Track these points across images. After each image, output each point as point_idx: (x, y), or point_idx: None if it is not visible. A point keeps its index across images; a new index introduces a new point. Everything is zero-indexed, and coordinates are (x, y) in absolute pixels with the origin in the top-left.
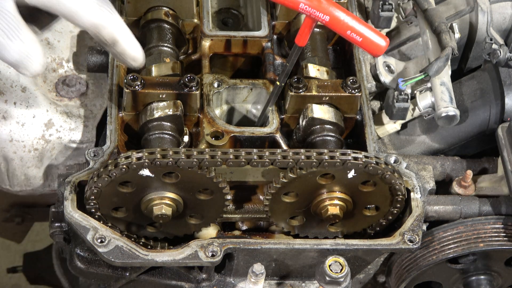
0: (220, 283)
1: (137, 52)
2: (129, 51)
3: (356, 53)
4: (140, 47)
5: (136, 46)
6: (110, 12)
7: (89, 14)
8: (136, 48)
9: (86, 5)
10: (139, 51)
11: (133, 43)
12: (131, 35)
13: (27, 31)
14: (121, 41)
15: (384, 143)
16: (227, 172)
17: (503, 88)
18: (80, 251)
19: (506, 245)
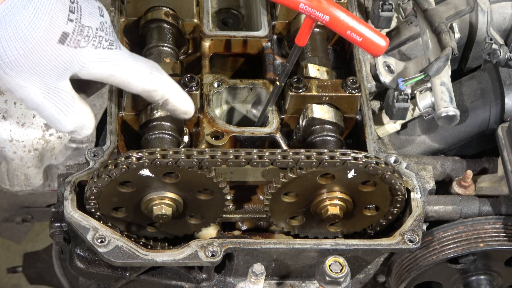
0: (220, 283)
1: (187, 106)
2: (180, 107)
3: (356, 53)
4: (190, 101)
5: (186, 101)
6: (159, 76)
7: (141, 82)
8: (186, 103)
9: (138, 75)
10: (189, 105)
11: (183, 100)
12: (181, 93)
13: (80, 105)
14: (171, 100)
15: (384, 143)
16: (227, 172)
17: (503, 88)
18: (80, 251)
19: (506, 245)
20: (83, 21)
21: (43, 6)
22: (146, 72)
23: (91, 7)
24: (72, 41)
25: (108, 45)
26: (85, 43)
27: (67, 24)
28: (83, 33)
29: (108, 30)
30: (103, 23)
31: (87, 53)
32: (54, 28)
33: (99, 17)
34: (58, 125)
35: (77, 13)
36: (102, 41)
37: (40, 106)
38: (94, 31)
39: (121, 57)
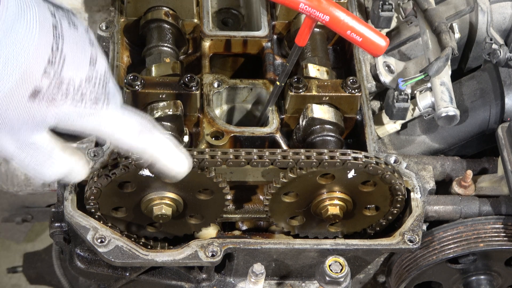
0: (220, 283)
1: (178, 168)
2: (169, 170)
3: (356, 53)
4: (182, 162)
5: (177, 163)
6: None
7: (127, 142)
8: (177, 165)
9: (124, 135)
10: (181, 167)
11: (174, 162)
12: (172, 154)
13: (62, 156)
14: (159, 163)
15: (384, 143)
16: (227, 172)
17: (503, 88)
18: (80, 251)
19: (506, 245)
20: (63, 74)
21: (17, 57)
22: (134, 132)
23: (79, 56)
24: (45, 97)
25: (92, 103)
26: (62, 99)
27: (42, 78)
28: (61, 88)
29: (97, 82)
30: (92, 74)
31: (64, 110)
32: (24, 83)
33: (87, 68)
34: (37, 176)
35: (58, 65)
36: (85, 97)
37: (14, 158)
38: (77, 86)
39: (106, 116)
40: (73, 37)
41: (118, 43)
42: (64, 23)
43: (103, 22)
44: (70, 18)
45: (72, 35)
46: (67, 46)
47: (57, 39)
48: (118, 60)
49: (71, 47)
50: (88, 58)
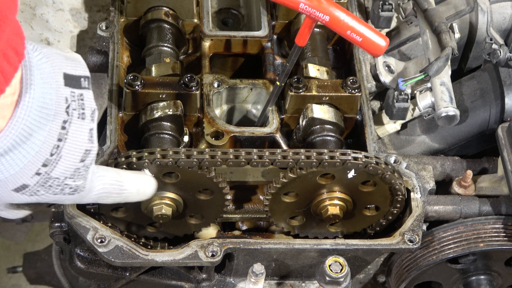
0: (220, 283)
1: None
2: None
3: (356, 53)
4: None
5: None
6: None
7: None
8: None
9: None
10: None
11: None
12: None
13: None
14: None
15: (384, 143)
16: (227, 172)
17: (503, 88)
18: (80, 251)
19: (506, 245)
20: (53, 173)
21: (17, 159)
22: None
23: (74, 155)
24: (30, 191)
25: (71, 191)
26: (44, 191)
27: (32, 177)
28: (45, 184)
29: (81, 174)
30: (78, 169)
31: (43, 198)
32: (15, 180)
33: (77, 164)
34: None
35: (50, 166)
36: (66, 188)
37: None
38: (61, 181)
39: (81, 197)
40: (76, 134)
41: (118, 43)
42: (74, 116)
43: (103, 22)
44: (83, 103)
45: (76, 132)
46: (66, 148)
47: (60, 141)
48: (118, 60)
49: (70, 147)
50: (81, 155)
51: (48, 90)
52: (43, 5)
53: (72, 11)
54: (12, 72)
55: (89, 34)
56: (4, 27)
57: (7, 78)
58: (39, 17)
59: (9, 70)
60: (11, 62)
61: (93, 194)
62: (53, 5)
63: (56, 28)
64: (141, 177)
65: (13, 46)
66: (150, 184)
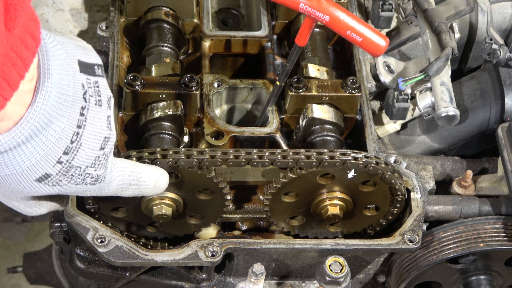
0: (220, 283)
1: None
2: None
3: (356, 53)
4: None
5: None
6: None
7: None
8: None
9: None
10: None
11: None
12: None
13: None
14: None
15: (384, 143)
16: (227, 172)
17: (503, 88)
18: (80, 251)
19: (506, 245)
20: (74, 162)
21: (38, 147)
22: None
23: (92, 144)
24: (52, 181)
25: (92, 181)
26: (66, 181)
27: (54, 166)
28: (67, 174)
29: (101, 163)
30: (99, 157)
31: (65, 188)
32: (37, 169)
33: (97, 152)
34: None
35: (71, 154)
36: (87, 178)
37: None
38: (83, 170)
39: (102, 187)
40: (94, 121)
41: (118, 43)
42: (91, 103)
43: (103, 22)
44: (98, 89)
45: (95, 118)
46: (86, 135)
47: (79, 128)
48: (118, 60)
49: (89, 134)
50: (101, 142)
51: (65, 76)
52: (43, 5)
53: (72, 11)
54: (30, 58)
55: (89, 34)
56: (21, 12)
57: (26, 64)
58: (39, 17)
59: (28, 56)
60: (29, 48)
61: (113, 185)
62: (53, 5)
63: (56, 28)
64: (157, 169)
65: (30, 31)
66: (165, 176)
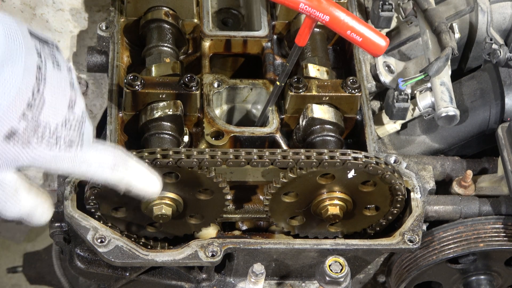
0: (220, 283)
1: (151, 190)
2: (143, 193)
3: (356, 53)
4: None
5: (149, 187)
6: (122, 171)
7: (101, 178)
8: (150, 188)
9: (97, 172)
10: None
11: (147, 186)
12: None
13: (25, 197)
14: (134, 189)
15: (384, 143)
16: (227, 172)
17: (503, 88)
18: (80, 251)
19: (506, 245)
20: (41, 118)
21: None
22: (107, 169)
23: (58, 101)
24: (21, 139)
25: (67, 145)
26: (37, 142)
27: (19, 121)
28: (37, 132)
29: (73, 125)
30: (69, 118)
31: (38, 152)
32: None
33: (65, 111)
34: (2, 212)
35: (36, 109)
36: (60, 140)
37: None
38: (53, 129)
39: (80, 157)
40: (55, 79)
41: (118, 43)
42: (49, 64)
43: (103, 22)
44: (54, 56)
45: (54, 77)
46: (48, 90)
47: (39, 82)
48: (118, 60)
49: (52, 91)
50: (67, 102)
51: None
52: (43, 5)
53: (72, 11)
54: None
55: (89, 34)
56: None
57: None
58: (39, 17)
59: None
60: None
61: (95, 159)
62: (53, 5)
63: (56, 28)
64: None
65: None
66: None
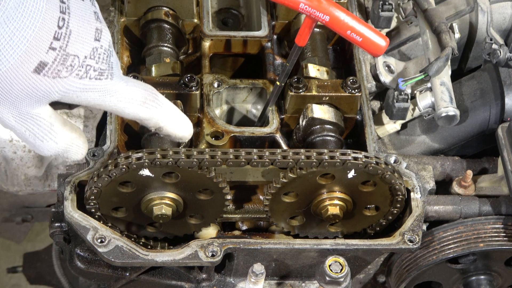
0: (220, 283)
1: (183, 133)
2: (175, 134)
3: (356, 53)
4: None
5: (181, 129)
6: (153, 106)
7: (131, 112)
8: (182, 130)
9: (127, 106)
10: (185, 132)
11: (179, 128)
12: (177, 120)
13: (61, 131)
14: (166, 128)
15: (384, 143)
16: (227, 172)
17: (503, 88)
18: (80, 251)
19: (506, 245)
20: (68, 49)
21: (23, 30)
22: (137, 102)
23: (84, 31)
24: (51, 71)
25: (97, 75)
26: (67, 73)
27: (48, 52)
28: (65, 63)
29: (101, 56)
30: (96, 48)
31: (68, 83)
32: (30, 57)
33: (92, 43)
34: (36, 149)
35: (63, 40)
36: (90, 70)
37: (13, 129)
38: (81, 60)
39: (111, 87)
40: (79, 11)
41: (118, 43)
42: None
43: None
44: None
45: (78, 9)
46: (73, 21)
47: (63, 13)
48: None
49: (77, 22)
50: (93, 32)
51: None
52: None
53: None
54: None
55: None
56: None
57: None
58: None
59: None
60: None
61: (125, 92)
62: None
63: None
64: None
65: None
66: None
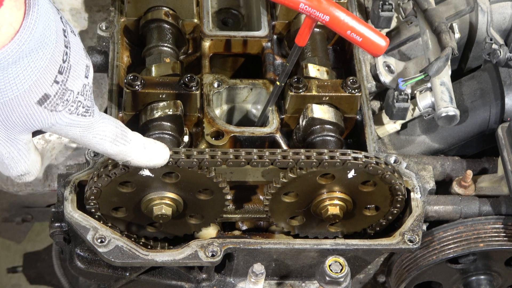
0: (220, 283)
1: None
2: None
3: (356, 53)
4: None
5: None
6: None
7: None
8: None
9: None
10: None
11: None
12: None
13: (33, 156)
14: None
15: (384, 143)
16: (227, 172)
17: (503, 88)
18: (80, 251)
19: (506, 245)
20: (68, 84)
21: (34, 65)
22: (109, 139)
23: (79, 68)
24: (51, 104)
25: (84, 112)
26: (63, 107)
27: (52, 85)
28: (63, 97)
29: (87, 93)
30: (85, 85)
31: (60, 117)
32: (38, 87)
33: (83, 79)
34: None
35: (65, 74)
36: (80, 107)
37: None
38: (75, 96)
39: (91, 124)
40: (75, 46)
41: (118, 43)
42: (68, 29)
43: (103, 22)
44: (68, 23)
45: (75, 44)
46: (72, 56)
47: (66, 48)
48: (118, 60)
49: (74, 57)
50: (85, 68)
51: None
52: None
53: (72, 11)
54: None
55: (89, 34)
56: None
57: None
58: None
59: None
60: None
61: (100, 129)
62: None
63: None
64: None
65: None
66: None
